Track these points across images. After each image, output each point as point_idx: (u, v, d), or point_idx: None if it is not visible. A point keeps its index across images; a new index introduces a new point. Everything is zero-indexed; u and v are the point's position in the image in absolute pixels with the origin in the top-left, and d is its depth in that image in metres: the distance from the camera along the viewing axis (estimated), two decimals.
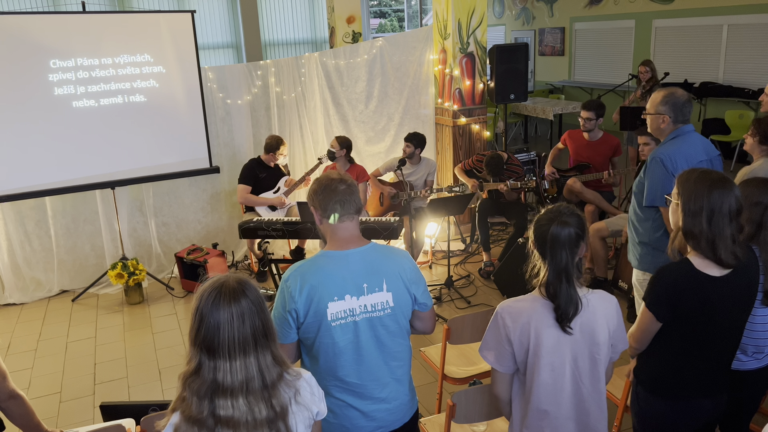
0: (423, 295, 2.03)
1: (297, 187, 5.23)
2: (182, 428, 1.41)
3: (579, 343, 1.86)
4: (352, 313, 1.90)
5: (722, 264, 1.93)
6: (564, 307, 1.82)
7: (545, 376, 1.85)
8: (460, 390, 2.25)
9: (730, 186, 1.94)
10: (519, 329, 1.84)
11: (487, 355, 1.93)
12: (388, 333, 1.95)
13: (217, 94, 5.47)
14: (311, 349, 1.95)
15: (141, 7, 9.61)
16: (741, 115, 8.10)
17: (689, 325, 1.99)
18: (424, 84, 6.12)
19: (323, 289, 1.87)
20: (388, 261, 1.96)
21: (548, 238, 1.82)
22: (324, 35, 11.33)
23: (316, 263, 1.93)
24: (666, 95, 2.83)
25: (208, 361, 1.41)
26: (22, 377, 3.90)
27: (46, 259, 5.17)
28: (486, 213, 5.13)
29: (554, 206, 1.91)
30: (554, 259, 1.83)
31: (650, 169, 2.81)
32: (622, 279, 4.61)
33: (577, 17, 11.16)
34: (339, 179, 1.96)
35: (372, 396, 1.96)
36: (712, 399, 2.09)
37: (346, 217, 1.95)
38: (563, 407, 1.89)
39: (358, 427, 1.97)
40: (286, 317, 1.89)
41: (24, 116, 4.65)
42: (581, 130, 5.18)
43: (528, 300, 1.89)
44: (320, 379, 1.93)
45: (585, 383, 1.90)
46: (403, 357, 2.02)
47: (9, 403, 2.14)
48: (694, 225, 1.95)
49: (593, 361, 1.89)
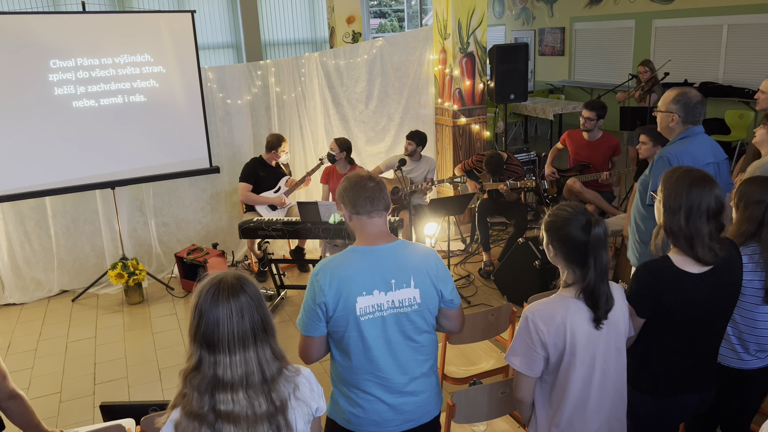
0: (450, 293, 2.04)
1: (298, 187, 5.23)
2: (183, 424, 1.42)
3: (606, 336, 1.88)
4: (380, 308, 1.92)
5: (700, 261, 1.95)
6: (604, 305, 1.84)
7: (579, 373, 1.87)
8: (460, 390, 2.25)
9: (711, 185, 1.95)
10: (554, 332, 1.84)
11: (514, 360, 1.91)
12: (414, 328, 1.98)
13: (217, 94, 5.47)
14: (340, 343, 1.96)
15: (141, 7, 9.61)
16: (741, 115, 8.09)
17: (671, 322, 2.01)
18: (424, 84, 6.12)
19: (352, 284, 1.90)
20: (415, 257, 1.99)
21: (590, 241, 1.80)
22: (324, 35, 11.33)
23: (346, 258, 1.96)
24: (679, 94, 2.81)
25: (208, 357, 1.42)
26: (22, 377, 3.90)
27: (46, 259, 5.17)
28: (486, 213, 5.13)
29: (562, 207, 1.89)
30: (597, 260, 1.81)
31: (656, 167, 2.80)
32: (622, 278, 4.61)
33: (577, 17, 11.15)
34: (368, 177, 2.01)
35: (401, 390, 1.98)
36: (699, 393, 2.11)
37: (375, 214, 1.98)
38: (591, 400, 1.91)
39: (387, 421, 1.99)
40: (316, 310, 1.91)
41: (24, 116, 4.65)
42: (581, 130, 5.18)
43: (557, 300, 1.89)
44: (349, 373, 1.96)
45: (611, 374, 1.92)
46: (430, 351, 2.05)
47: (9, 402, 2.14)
48: (672, 222, 1.98)
49: (618, 351, 1.93)
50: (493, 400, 2.27)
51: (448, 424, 2.31)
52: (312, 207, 4.28)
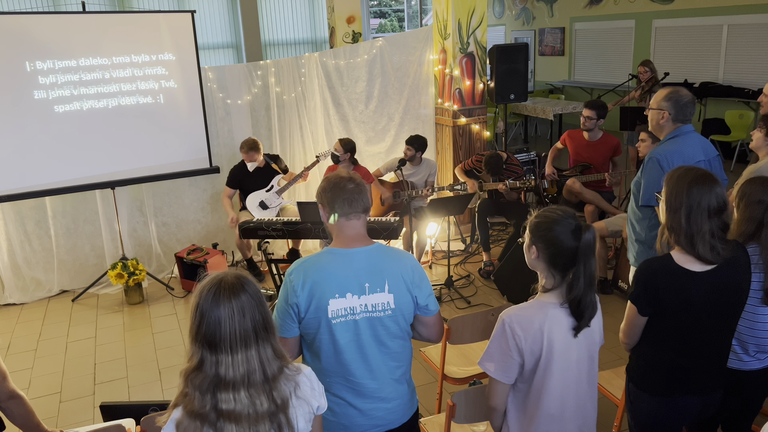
0: (426, 299, 2.00)
1: (295, 182, 5.22)
2: (184, 423, 1.42)
3: (582, 344, 1.86)
4: (352, 311, 1.89)
5: (701, 259, 1.95)
6: (590, 314, 1.81)
7: (555, 381, 1.83)
8: (460, 390, 2.25)
9: (712, 183, 1.95)
10: (531, 338, 1.80)
11: (489, 366, 1.86)
12: (388, 334, 1.95)
13: (217, 94, 5.47)
14: (312, 345, 1.95)
15: (141, 7, 9.62)
16: (741, 115, 8.10)
17: (673, 321, 2.00)
18: (424, 84, 6.12)
19: (325, 286, 1.87)
20: (391, 262, 1.95)
21: (580, 247, 1.76)
22: (324, 35, 11.33)
23: (321, 259, 1.93)
24: (670, 92, 2.84)
25: (210, 356, 1.42)
26: (22, 377, 3.90)
27: (46, 259, 5.17)
28: (486, 213, 5.12)
29: (551, 209, 1.84)
30: (586, 268, 1.77)
31: (647, 168, 2.82)
32: (622, 279, 4.61)
33: (577, 17, 11.16)
34: (348, 178, 1.96)
35: (371, 395, 1.96)
36: (702, 397, 2.09)
37: (353, 216, 1.95)
38: (568, 409, 1.88)
39: (356, 425, 1.97)
40: (289, 311, 1.90)
41: (24, 116, 4.64)
42: (581, 130, 5.18)
43: (535, 306, 1.85)
44: (320, 376, 1.93)
45: (584, 382, 1.90)
46: (402, 358, 2.02)
47: (9, 403, 2.15)
48: (673, 220, 1.99)
49: (591, 360, 1.91)
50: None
51: (448, 424, 2.31)
52: (312, 207, 4.27)
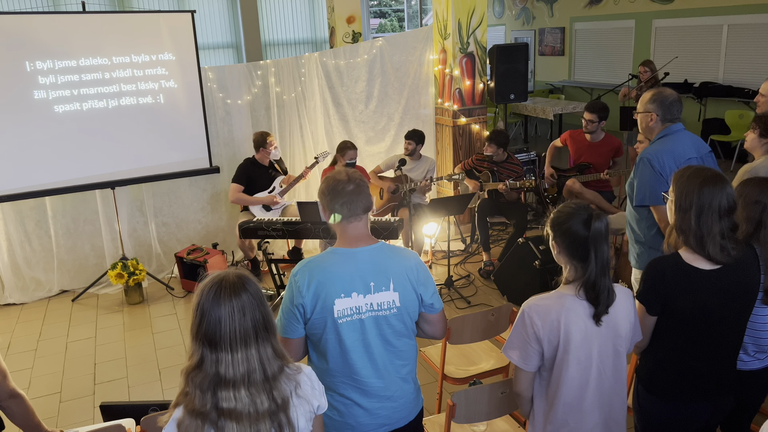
0: (431, 297, 2.01)
1: (295, 184, 5.22)
2: (185, 422, 1.42)
3: (604, 336, 1.88)
4: (358, 310, 1.90)
5: (711, 259, 1.94)
6: (605, 300, 1.84)
7: (572, 370, 1.87)
8: (460, 390, 2.25)
9: (722, 183, 1.94)
10: (548, 327, 1.85)
11: (512, 354, 1.93)
12: (393, 332, 1.96)
13: (217, 94, 5.47)
14: (318, 346, 1.95)
15: (141, 7, 9.61)
16: (741, 115, 8.09)
17: (683, 322, 1.99)
18: (424, 84, 6.12)
19: (331, 286, 1.87)
20: (395, 260, 1.96)
21: (591, 235, 1.81)
22: (324, 35, 11.33)
23: (325, 260, 1.93)
24: (654, 94, 2.86)
25: (210, 355, 1.43)
26: (22, 377, 3.90)
27: (46, 259, 5.17)
28: (486, 213, 5.13)
29: (567, 204, 1.91)
30: (598, 255, 1.82)
31: (638, 169, 2.83)
32: (622, 279, 4.61)
33: (577, 17, 11.16)
34: (346, 180, 1.94)
35: (377, 394, 1.96)
36: (711, 402, 2.08)
37: (353, 218, 1.95)
38: (587, 400, 1.91)
39: (362, 425, 1.97)
40: (294, 312, 1.90)
41: (24, 116, 4.65)
42: (582, 131, 5.18)
43: (554, 297, 1.89)
44: (326, 376, 1.94)
45: (608, 375, 1.91)
46: (408, 356, 2.03)
47: (9, 402, 2.15)
48: (683, 221, 1.98)
49: (616, 353, 1.92)
50: (493, 400, 2.27)
51: (448, 424, 2.31)
52: (312, 207, 4.28)
